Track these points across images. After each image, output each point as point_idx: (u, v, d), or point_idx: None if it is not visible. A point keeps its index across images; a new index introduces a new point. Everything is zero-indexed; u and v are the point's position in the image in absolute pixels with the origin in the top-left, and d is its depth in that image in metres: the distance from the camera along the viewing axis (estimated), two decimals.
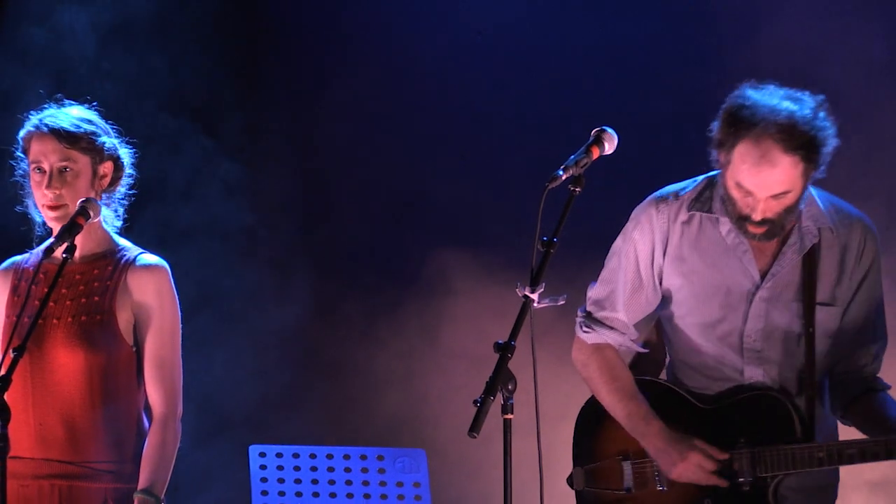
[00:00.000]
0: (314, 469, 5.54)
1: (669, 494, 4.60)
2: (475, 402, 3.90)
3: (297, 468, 5.53)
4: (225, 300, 6.70)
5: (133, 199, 4.85)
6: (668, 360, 4.82)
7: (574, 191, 4.18)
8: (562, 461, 4.98)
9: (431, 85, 6.99)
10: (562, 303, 4.07)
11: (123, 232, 4.85)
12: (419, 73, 7.01)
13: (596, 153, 4.25)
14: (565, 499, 4.83)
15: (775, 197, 4.37)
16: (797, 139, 4.31)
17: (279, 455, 5.53)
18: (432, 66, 7.00)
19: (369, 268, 7.04)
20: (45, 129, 4.67)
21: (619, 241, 4.70)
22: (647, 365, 4.82)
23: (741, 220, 4.44)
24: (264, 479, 5.49)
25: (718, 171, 4.50)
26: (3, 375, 4.15)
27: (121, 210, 4.83)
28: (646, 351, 4.80)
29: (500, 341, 3.97)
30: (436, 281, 6.84)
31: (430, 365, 6.85)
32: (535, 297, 4.03)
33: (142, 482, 4.60)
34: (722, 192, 4.47)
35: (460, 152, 6.93)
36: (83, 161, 4.69)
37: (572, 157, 4.21)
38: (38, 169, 4.66)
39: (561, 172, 4.17)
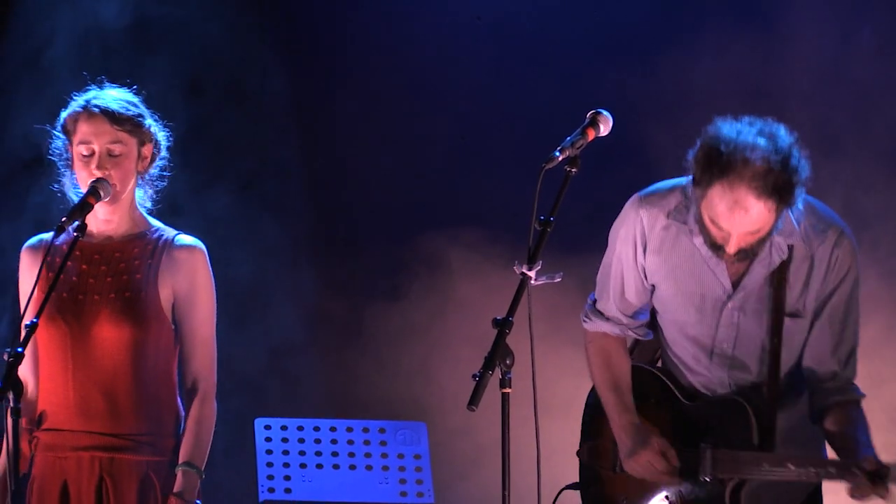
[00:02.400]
0: (318, 441, 5.59)
1: (646, 479, 4.67)
2: (474, 376, 3.97)
3: (301, 440, 5.58)
4: (228, 275, 6.75)
5: (166, 179, 4.87)
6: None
7: (570, 171, 4.24)
8: (558, 435, 5.06)
9: (431, 68, 6.99)
10: (558, 280, 4.13)
11: None
12: (419, 56, 7.01)
13: (591, 135, 4.30)
14: (561, 471, 4.87)
15: (749, 233, 4.39)
16: (771, 185, 4.28)
17: (284, 428, 5.58)
18: (432, 49, 7.00)
19: (373, 245, 7.06)
20: (96, 109, 4.67)
21: (611, 235, 4.74)
22: (644, 348, 4.89)
23: (715, 248, 4.45)
24: (269, 452, 5.54)
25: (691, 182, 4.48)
26: (17, 351, 4.19)
27: (150, 191, 4.84)
28: (649, 339, 4.84)
29: (498, 317, 4.04)
30: (438, 260, 6.85)
31: (432, 342, 6.87)
32: (532, 274, 4.10)
33: (183, 455, 4.64)
34: (696, 216, 4.47)
35: (460, 134, 6.99)
36: (130, 143, 4.70)
37: (568, 138, 4.26)
38: (87, 149, 4.67)
39: (557, 153, 4.22)
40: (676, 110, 6.42)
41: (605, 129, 4.35)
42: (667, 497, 4.66)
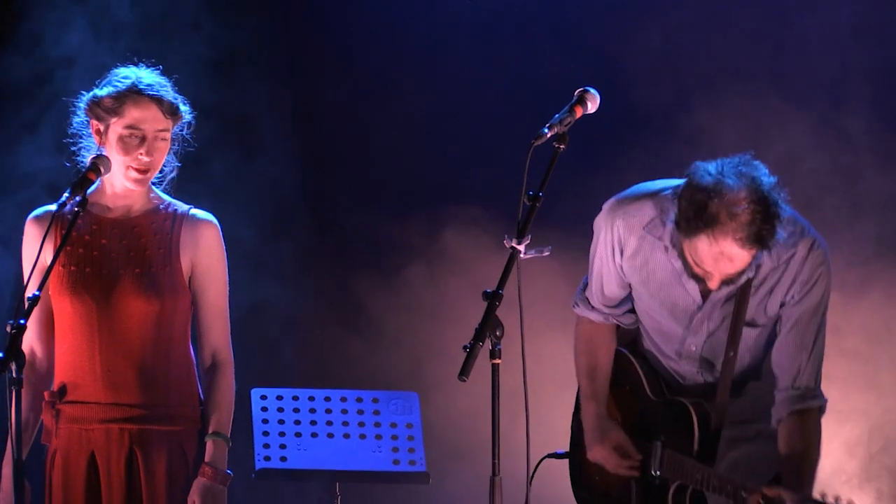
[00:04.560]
0: (312, 411, 5.63)
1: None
2: (465, 347, 4.06)
3: (296, 410, 5.62)
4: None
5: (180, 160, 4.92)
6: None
7: (558, 148, 4.31)
8: (548, 406, 5.15)
9: (423, 48, 7.04)
10: (546, 254, 4.20)
11: None
12: (411, 35, 7.06)
13: (579, 112, 4.38)
14: (548, 436, 4.97)
15: (732, 274, 4.50)
16: (754, 236, 4.39)
17: (279, 398, 5.62)
18: (424, 27, 7.05)
19: (368, 222, 7.10)
20: (148, 95, 4.72)
21: (594, 228, 4.82)
22: (625, 331, 4.98)
23: (697, 279, 4.56)
24: (265, 421, 5.58)
25: (670, 195, 4.56)
26: (19, 323, 4.23)
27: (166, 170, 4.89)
28: (634, 327, 4.93)
29: (488, 290, 4.12)
30: (431, 235, 6.92)
31: (427, 317, 6.95)
32: (521, 248, 4.18)
33: (212, 425, 4.72)
34: (678, 248, 4.55)
35: (452, 112, 7.01)
36: (171, 129, 4.76)
37: (557, 115, 4.34)
38: (137, 133, 4.69)
39: (546, 130, 4.30)
40: (660, 87, 6.49)
41: (592, 106, 4.43)
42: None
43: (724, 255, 4.42)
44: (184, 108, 4.81)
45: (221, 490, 4.72)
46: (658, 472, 4.69)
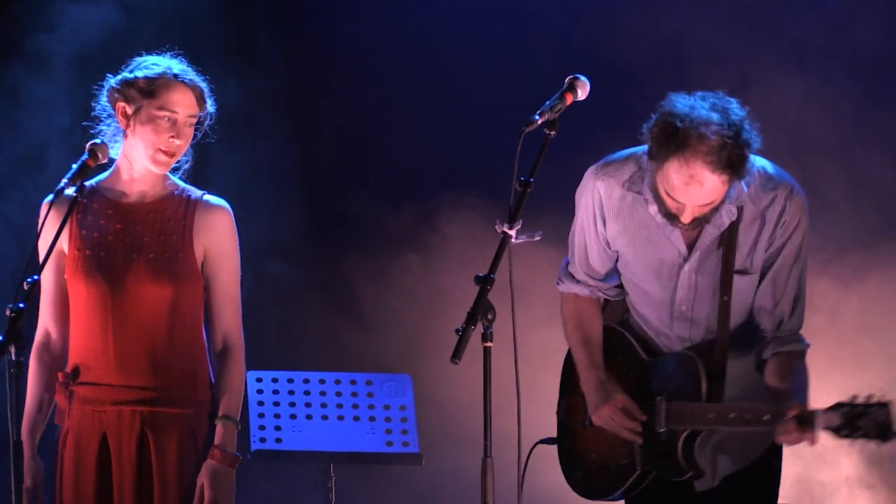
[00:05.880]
0: (307, 393, 5.69)
1: (610, 433, 4.81)
2: (457, 331, 4.09)
3: (291, 392, 5.69)
4: None
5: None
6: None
7: (549, 134, 4.35)
8: (541, 390, 5.21)
9: (419, 38, 7.10)
10: (537, 238, 4.25)
11: None
12: (408, 28, 7.12)
13: (569, 99, 4.42)
14: (540, 421, 5.00)
15: (703, 205, 4.52)
16: (724, 160, 4.41)
17: (275, 381, 5.69)
18: (416, 15, 7.11)
19: (363, 208, 7.17)
20: (188, 82, 4.77)
21: (576, 201, 4.85)
22: (613, 308, 5.01)
23: (670, 217, 4.58)
24: (261, 403, 5.64)
25: (646, 155, 4.58)
26: (18, 306, 4.27)
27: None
28: (620, 299, 4.96)
29: (479, 274, 4.16)
30: (427, 223, 7.00)
31: (420, 300, 7.02)
32: (512, 233, 4.22)
33: (222, 409, 4.75)
34: (651, 187, 4.58)
35: (448, 100, 7.07)
36: (197, 117, 4.80)
37: (547, 102, 4.38)
38: (171, 117, 4.73)
39: (537, 117, 4.35)
40: (651, 74, 6.54)
41: (582, 93, 4.46)
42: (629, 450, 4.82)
43: (694, 178, 4.44)
44: (209, 100, 4.85)
45: (230, 472, 4.76)
46: (664, 427, 4.70)
